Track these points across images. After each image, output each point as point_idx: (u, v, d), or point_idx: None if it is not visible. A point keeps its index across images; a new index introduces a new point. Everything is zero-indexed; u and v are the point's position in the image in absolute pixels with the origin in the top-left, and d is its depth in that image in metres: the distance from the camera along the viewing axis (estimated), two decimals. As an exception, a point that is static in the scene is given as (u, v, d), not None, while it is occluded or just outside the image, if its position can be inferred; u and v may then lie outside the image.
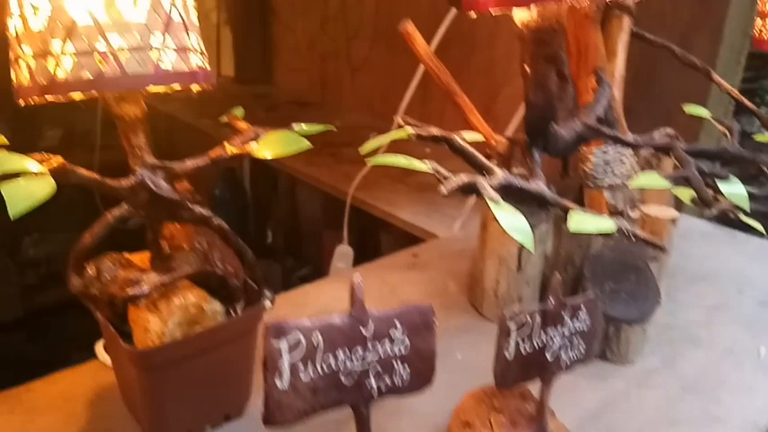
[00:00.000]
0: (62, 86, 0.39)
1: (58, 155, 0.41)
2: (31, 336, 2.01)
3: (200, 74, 0.44)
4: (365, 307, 0.37)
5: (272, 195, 1.86)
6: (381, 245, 1.31)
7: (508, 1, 0.40)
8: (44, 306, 2.06)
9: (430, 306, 0.39)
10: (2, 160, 0.35)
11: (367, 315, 0.37)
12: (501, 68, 1.29)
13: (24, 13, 0.39)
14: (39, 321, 2.08)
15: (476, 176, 0.39)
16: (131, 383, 0.48)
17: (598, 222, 0.37)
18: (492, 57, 1.31)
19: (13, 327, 2.14)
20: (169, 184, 0.46)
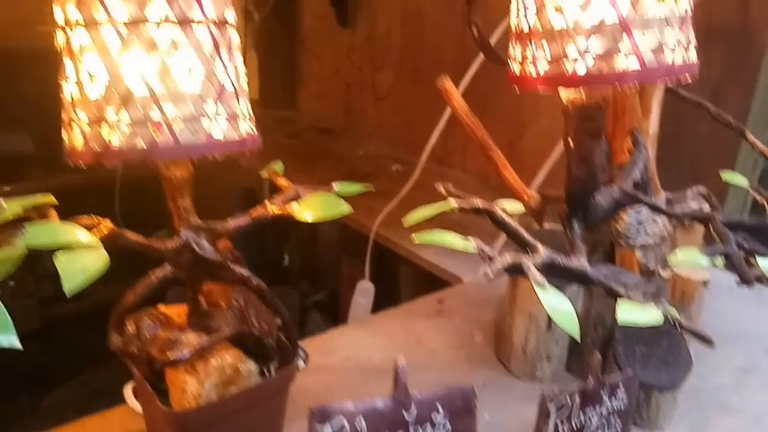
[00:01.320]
0: (116, 154, 0.40)
1: (106, 219, 0.42)
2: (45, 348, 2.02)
3: (248, 140, 0.44)
4: (408, 390, 0.37)
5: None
6: (401, 278, 1.31)
7: (555, 82, 0.40)
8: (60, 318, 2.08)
9: (471, 389, 0.39)
10: (54, 232, 0.36)
11: (410, 398, 0.37)
12: (528, 105, 1.29)
13: (81, 79, 0.40)
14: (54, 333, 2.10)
15: (520, 256, 0.39)
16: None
17: (647, 314, 0.37)
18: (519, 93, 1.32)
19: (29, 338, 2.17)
20: (211, 245, 0.46)
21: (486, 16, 0.74)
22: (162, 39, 0.39)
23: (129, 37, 0.39)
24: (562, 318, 0.37)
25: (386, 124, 1.69)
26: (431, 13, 1.48)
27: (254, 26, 1.94)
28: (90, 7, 0.39)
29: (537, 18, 0.40)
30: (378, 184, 1.48)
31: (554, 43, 0.39)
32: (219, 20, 0.42)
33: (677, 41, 0.39)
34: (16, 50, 2.24)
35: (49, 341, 2.15)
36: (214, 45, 0.42)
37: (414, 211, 0.46)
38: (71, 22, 0.40)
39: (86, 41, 0.39)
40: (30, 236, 0.35)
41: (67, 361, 2.08)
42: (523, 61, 0.42)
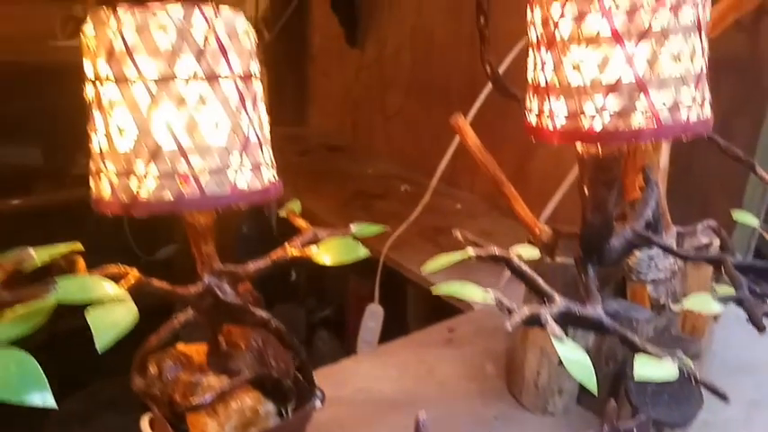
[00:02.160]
0: (144, 206, 0.41)
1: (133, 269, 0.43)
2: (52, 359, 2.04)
3: (271, 189, 0.45)
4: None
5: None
6: (408, 300, 1.31)
7: (572, 137, 0.41)
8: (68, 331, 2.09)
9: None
10: (85, 287, 0.37)
11: (432, 453, 0.37)
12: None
13: (110, 132, 0.41)
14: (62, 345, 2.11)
15: (538, 308, 0.40)
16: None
17: (663, 369, 0.38)
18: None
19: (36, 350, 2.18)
20: (233, 288, 0.47)
21: (497, 41, 0.75)
22: (190, 94, 0.40)
23: (159, 93, 0.40)
24: (579, 370, 0.38)
25: (394, 143, 1.70)
26: (440, 35, 1.50)
27: (264, 45, 1.96)
28: (121, 64, 0.40)
29: (554, 74, 0.41)
30: (386, 204, 1.49)
31: (571, 100, 0.40)
32: (245, 74, 0.43)
33: (692, 99, 0.39)
34: (27, 65, 2.27)
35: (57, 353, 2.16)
36: (240, 98, 0.43)
37: (433, 260, 0.47)
38: (101, 77, 0.41)
39: (117, 97, 0.40)
40: (61, 291, 0.36)
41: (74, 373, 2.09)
42: (540, 114, 0.43)
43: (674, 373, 0.38)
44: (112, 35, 0.40)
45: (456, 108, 1.54)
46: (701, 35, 0.39)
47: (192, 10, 0.40)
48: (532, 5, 0.42)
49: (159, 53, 0.39)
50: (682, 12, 0.37)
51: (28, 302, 0.36)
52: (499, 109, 1.30)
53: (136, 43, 0.39)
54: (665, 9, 0.37)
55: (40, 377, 0.31)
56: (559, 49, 0.40)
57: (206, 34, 0.40)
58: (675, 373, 0.38)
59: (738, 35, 0.90)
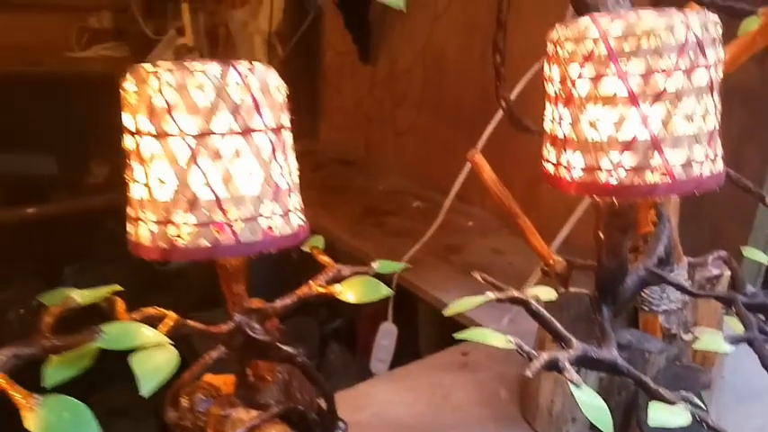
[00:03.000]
0: (181, 252, 0.43)
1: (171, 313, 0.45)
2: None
3: (300, 233, 0.48)
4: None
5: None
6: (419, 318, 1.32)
7: (588, 189, 0.43)
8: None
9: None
10: (129, 335, 0.39)
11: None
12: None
13: (150, 183, 0.44)
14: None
15: (556, 354, 0.42)
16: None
17: (677, 417, 0.39)
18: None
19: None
20: (261, 325, 0.50)
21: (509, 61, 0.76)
22: (226, 148, 0.43)
23: (197, 147, 0.42)
24: (595, 414, 0.39)
25: (405, 159, 1.72)
26: (451, 53, 1.52)
27: (277, 61, 1.99)
28: (161, 120, 0.42)
29: (572, 128, 0.43)
30: (398, 221, 1.52)
31: (588, 154, 0.42)
32: (277, 126, 0.45)
33: (705, 155, 0.41)
34: (43, 75, 2.31)
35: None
36: (272, 149, 0.45)
37: (455, 303, 0.48)
38: (141, 131, 0.43)
39: (157, 150, 0.43)
40: (107, 339, 0.38)
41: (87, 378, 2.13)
42: (557, 165, 0.45)
43: (688, 420, 0.40)
44: (153, 93, 0.42)
45: (467, 125, 1.57)
46: (714, 95, 0.41)
47: (228, 69, 0.42)
48: (551, 63, 0.44)
49: (198, 110, 0.42)
50: (695, 74, 0.39)
51: (76, 349, 0.38)
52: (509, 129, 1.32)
53: (176, 101, 0.42)
54: (679, 72, 0.39)
55: (92, 424, 0.33)
56: (577, 106, 0.42)
57: (241, 91, 0.43)
58: (689, 420, 0.40)
59: (749, 65, 0.92)
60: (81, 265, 2.41)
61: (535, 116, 0.75)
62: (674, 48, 0.38)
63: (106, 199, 2.41)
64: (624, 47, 0.39)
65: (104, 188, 2.47)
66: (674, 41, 0.38)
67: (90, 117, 2.39)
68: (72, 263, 2.41)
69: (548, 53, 0.45)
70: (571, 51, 0.42)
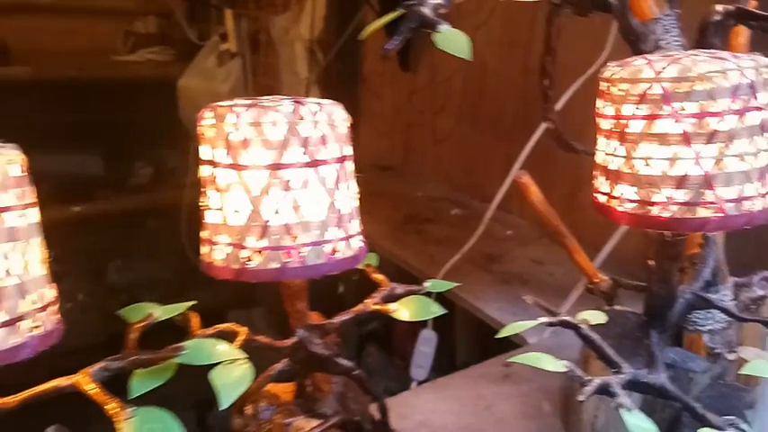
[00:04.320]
0: (252, 274, 0.47)
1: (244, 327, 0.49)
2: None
3: (360, 255, 0.51)
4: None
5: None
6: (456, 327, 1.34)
7: (640, 222, 0.45)
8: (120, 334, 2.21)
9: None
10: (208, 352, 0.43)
11: None
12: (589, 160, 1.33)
13: (225, 210, 0.47)
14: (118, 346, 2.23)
15: (607, 379, 0.44)
16: None
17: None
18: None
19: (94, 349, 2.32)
20: (322, 340, 0.53)
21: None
22: (296, 178, 0.46)
23: (270, 178, 0.45)
24: (645, 439, 0.41)
25: (444, 166, 1.74)
26: (492, 64, 1.53)
27: (318, 68, 2.03)
28: (238, 153, 0.46)
29: (625, 163, 0.45)
30: (437, 229, 1.54)
31: (641, 189, 0.44)
32: (341, 157, 0.49)
33: (757, 191, 0.43)
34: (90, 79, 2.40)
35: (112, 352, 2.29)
36: (336, 179, 0.48)
37: (508, 326, 0.50)
38: (218, 162, 0.47)
39: (233, 180, 0.46)
40: (189, 355, 0.42)
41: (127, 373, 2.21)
42: (609, 196, 0.47)
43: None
44: (231, 128, 0.45)
45: (507, 136, 1.58)
46: (765, 134, 0.42)
47: (300, 106, 0.46)
48: (604, 99, 0.46)
49: (271, 144, 0.45)
50: (747, 116, 0.41)
51: (158, 363, 0.42)
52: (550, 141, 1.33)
53: (251, 136, 0.45)
54: (732, 114, 0.40)
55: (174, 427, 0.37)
56: (630, 142, 0.44)
57: (310, 127, 0.46)
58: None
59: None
60: (123, 261, 2.50)
61: (572, 132, 0.77)
62: (727, 91, 0.40)
63: (148, 199, 2.51)
64: (678, 89, 0.40)
65: (147, 189, 2.56)
66: (728, 84, 0.40)
67: (135, 120, 2.48)
68: (115, 259, 2.51)
69: (600, 90, 0.47)
70: (625, 90, 0.43)
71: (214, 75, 2.42)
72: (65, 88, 2.33)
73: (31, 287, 0.37)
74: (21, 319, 0.35)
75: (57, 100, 2.29)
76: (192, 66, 2.39)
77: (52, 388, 0.39)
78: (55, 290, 0.40)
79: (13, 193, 0.36)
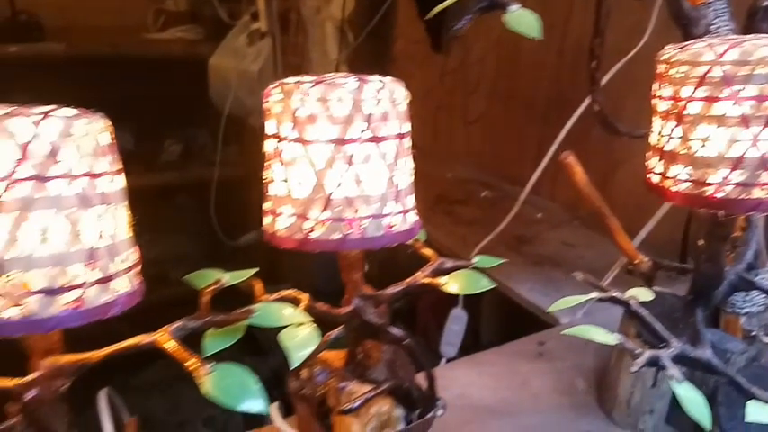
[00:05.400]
0: (313, 244, 0.49)
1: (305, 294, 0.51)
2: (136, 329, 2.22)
3: (415, 229, 0.53)
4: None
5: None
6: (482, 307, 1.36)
7: (693, 201, 0.46)
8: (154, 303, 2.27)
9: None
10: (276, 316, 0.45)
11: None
12: (621, 143, 1.32)
13: (290, 183, 0.49)
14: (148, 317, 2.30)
15: (657, 352, 0.46)
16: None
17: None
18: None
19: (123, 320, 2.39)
20: (374, 309, 0.55)
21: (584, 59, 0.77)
22: (358, 153, 0.48)
23: (334, 153, 0.47)
24: (696, 408, 0.43)
25: (474, 148, 1.75)
26: (526, 46, 1.53)
27: (348, 49, 2.04)
28: (304, 128, 0.48)
29: (681, 143, 0.46)
30: (467, 210, 1.55)
31: (696, 170, 0.45)
32: (401, 133, 0.50)
33: (811, 174, 0.44)
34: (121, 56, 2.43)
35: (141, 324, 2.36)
36: (395, 155, 0.50)
37: (559, 301, 0.52)
38: (283, 137, 0.49)
39: (298, 154, 0.48)
40: (258, 317, 0.44)
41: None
42: (663, 176, 0.48)
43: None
44: (299, 104, 0.47)
45: (539, 119, 1.58)
46: (823, 117, 0.43)
47: (364, 84, 0.47)
48: (661, 81, 0.47)
49: (336, 120, 0.47)
50: (807, 99, 0.42)
51: (231, 324, 0.44)
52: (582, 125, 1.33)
53: (318, 112, 0.47)
54: (792, 97, 0.41)
55: (256, 388, 0.40)
56: (687, 124, 0.45)
57: (373, 104, 0.48)
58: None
59: None
60: (152, 236, 2.55)
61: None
62: (788, 74, 0.41)
63: (178, 176, 2.55)
64: (739, 73, 0.41)
65: (177, 165, 2.60)
66: (789, 68, 0.41)
67: (165, 98, 2.52)
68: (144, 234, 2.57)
69: (658, 72, 0.48)
70: (684, 73, 0.44)
71: (244, 54, 2.44)
72: (97, 65, 2.37)
73: (119, 248, 0.39)
74: (111, 279, 0.38)
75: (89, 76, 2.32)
76: (222, 45, 2.41)
77: (133, 345, 0.42)
78: (138, 252, 0.43)
79: (105, 160, 0.39)
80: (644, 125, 0.81)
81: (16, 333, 0.35)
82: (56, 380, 0.40)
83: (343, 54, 2.15)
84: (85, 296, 0.36)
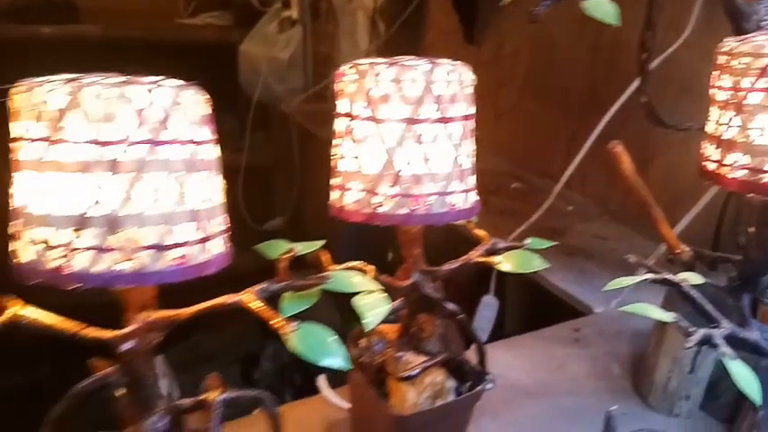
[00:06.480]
0: (381, 218, 0.52)
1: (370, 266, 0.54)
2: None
3: (475, 208, 0.55)
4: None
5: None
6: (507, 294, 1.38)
7: (750, 188, 0.48)
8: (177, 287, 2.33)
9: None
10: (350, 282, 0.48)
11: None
12: (656, 137, 1.33)
13: (360, 159, 0.52)
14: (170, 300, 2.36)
15: (710, 331, 0.48)
16: None
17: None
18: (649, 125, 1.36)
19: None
20: (432, 284, 0.58)
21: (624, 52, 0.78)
22: (427, 133, 0.50)
23: (405, 132, 0.50)
24: (747, 384, 0.45)
25: (504, 141, 1.76)
26: (561, 40, 1.54)
27: (379, 39, 2.06)
28: (377, 107, 0.50)
29: (740, 132, 0.48)
30: (498, 201, 1.57)
31: (754, 157, 0.47)
32: (467, 115, 0.53)
33: None
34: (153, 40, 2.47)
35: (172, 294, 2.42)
36: (461, 135, 0.52)
37: (615, 281, 0.54)
38: (355, 115, 0.52)
39: (371, 132, 0.51)
40: (333, 282, 0.47)
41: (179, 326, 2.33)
42: (720, 163, 0.50)
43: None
44: (373, 84, 0.50)
45: (572, 113, 1.60)
46: None
47: (436, 66, 0.50)
48: (721, 71, 0.49)
49: (408, 100, 0.49)
50: None
51: (309, 288, 0.47)
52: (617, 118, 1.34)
53: (391, 92, 0.49)
54: None
55: (337, 346, 0.43)
56: (746, 113, 0.47)
57: (443, 86, 0.50)
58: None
59: None
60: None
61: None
62: None
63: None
64: (804, 63, 0.43)
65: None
66: None
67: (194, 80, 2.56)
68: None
69: (718, 63, 0.50)
70: (746, 64, 0.46)
71: (275, 41, 2.46)
72: (131, 48, 2.41)
73: (216, 212, 0.42)
74: (208, 239, 0.41)
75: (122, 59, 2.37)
76: (253, 32, 2.44)
77: (220, 304, 0.45)
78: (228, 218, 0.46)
79: (207, 130, 0.42)
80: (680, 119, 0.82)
81: (127, 284, 0.38)
82: (150, 333, 0.43)
83: (374, 44, 2.18)
84: (188, 254, 0.39)
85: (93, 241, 0.36)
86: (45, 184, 0.37)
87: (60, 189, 0.37)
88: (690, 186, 1.13)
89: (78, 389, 0.44)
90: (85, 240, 0.36)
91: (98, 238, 0.36)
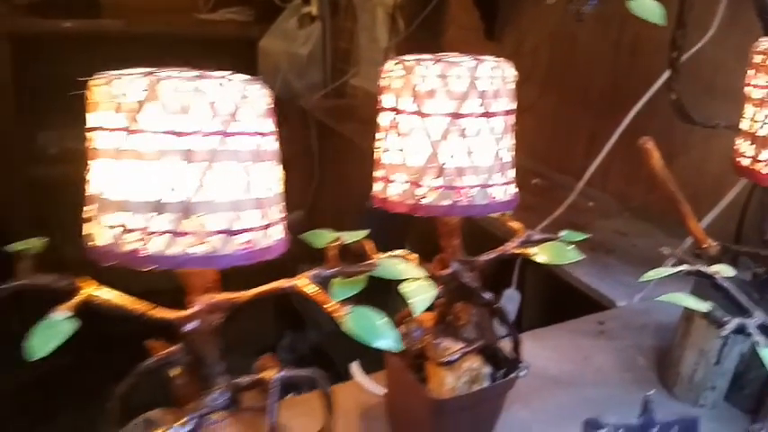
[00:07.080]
0: (424, 209, 0.54)
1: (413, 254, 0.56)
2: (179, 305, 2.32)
3: (513, 200, 0.57)
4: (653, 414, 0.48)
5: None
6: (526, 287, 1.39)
7: (785, 181, 0.50)
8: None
9: (697, 420, 0.50)
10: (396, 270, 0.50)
11: (654, 421, 0.48)
12: (679, 135, 1.34)
13: (405, 152, 0.54)
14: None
15: (744, 320, 0.50)
16: (416, 418, 0.63)
17: None
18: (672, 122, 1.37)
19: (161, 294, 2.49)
20: (470, 274, 0.60)
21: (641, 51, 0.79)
22: (471, 127, 0.53)
23: (449, 126, 0.52)
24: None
25: (524, 137, 1.77)
26: (583, 37, 1.55)
27: (399, 36, 2.08)
28: (423, 102, 0.52)
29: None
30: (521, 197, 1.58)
31: (790, 153, 0.49)
32: (508, 110, 0.55)
33: None
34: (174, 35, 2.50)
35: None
36: (503, 130, 0.54)
37: (651, 272, 0.56)
38: (401, 109, 0.54)
39: (416, 125, 0.53)
40: (381, 269, 0.50)
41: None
42: (754, 159, 0.52)
43: None
44: (419, 80, 0.52)
45: (593, 110, 1.61)
46: None
47: (480, 63, 0.52)
48: (757, 71, 0.51)
49: (453, 95, 0.52)
50: None
51: (360, 274, 0.49)
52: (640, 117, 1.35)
53: (437, 87, 0.52)
54: None
55: (389, 329, 0.45)
56: (784, 110, 0.49)
57: (487, 82, 0.52)
58: None
59: None
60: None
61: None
62: None
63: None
64: (842, 62, 0.45)
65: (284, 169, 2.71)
66: None
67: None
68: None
69: (754, 62, 0.51)
70: (784, 62, 0.48)
71: (295, 37, 2.49)
72: (151, 43, 2.44)
73: (277, 200, 0.45)
74: (270, 226, 0.44)
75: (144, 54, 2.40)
76: (273, 27, 2.46)
77: (275, 288, 0.47)
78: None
79: (270, 122, 0.44)
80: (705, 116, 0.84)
81: (199, 267, 0.41)
82: (212, 314, 0.46)
83: (393, 41, 2.19)
84: (254, 239, 0.42)
85: (169, 226, 0.39)
86: (123, 172, 0.39)
87: (138, 176, 0.39)
88: (711, 184, 1.14)
89: (144, 366, 0.46)
90: (161, 225, 0.39)
91: (173, 223, 0.39)
